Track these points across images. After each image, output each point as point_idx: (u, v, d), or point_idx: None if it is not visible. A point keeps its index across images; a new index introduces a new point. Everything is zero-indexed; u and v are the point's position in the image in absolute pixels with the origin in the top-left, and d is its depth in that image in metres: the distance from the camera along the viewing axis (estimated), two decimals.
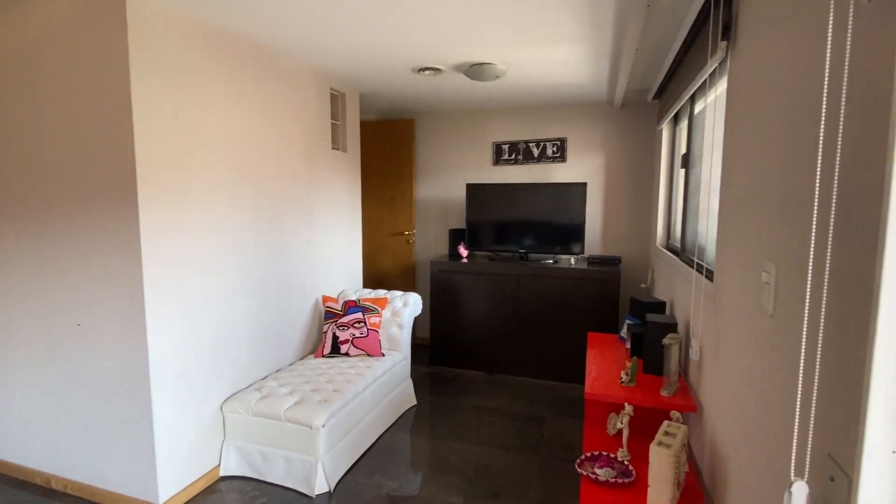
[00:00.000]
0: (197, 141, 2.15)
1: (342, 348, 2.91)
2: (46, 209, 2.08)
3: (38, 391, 2.22)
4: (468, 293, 3.73)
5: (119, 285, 1.98)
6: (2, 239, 2.21)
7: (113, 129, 1.90)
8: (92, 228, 2.00)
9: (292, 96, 2.79)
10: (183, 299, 2.11)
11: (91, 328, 2.06)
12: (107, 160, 1.93)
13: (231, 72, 2.33)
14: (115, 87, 1.87)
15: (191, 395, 2.18)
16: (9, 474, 2.35)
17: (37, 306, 2.17)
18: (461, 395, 3.37)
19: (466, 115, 4.20)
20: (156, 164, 1.96)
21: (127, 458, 2.08)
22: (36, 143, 2.06)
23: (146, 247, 1.93)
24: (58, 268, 2.10)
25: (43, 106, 2.02)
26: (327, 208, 3.20)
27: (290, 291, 2.85)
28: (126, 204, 1.92)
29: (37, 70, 2.01)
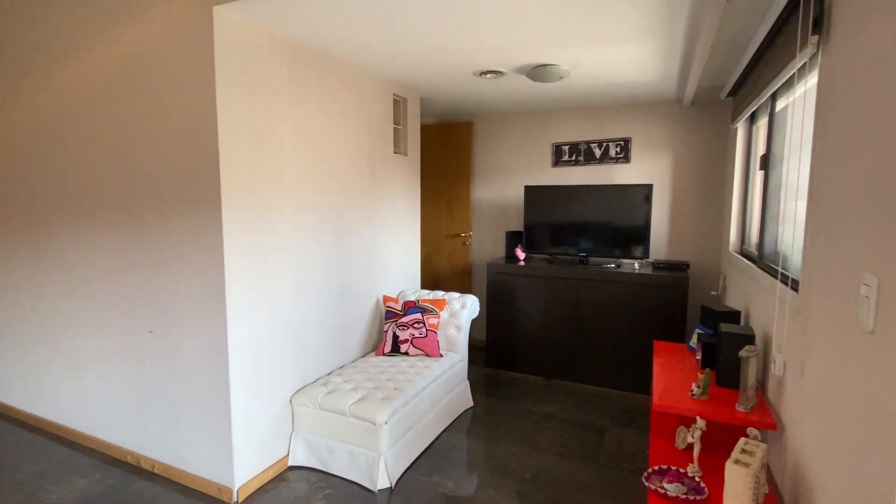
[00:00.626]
0: (270, 147, 2.28)
1: (402, 347, 2.98)
2: (139, 212, 2.28)
3: (132, 379, 2.43)
4: (525, 296, 3.70)
5: (204, 283, 2.14)
6: (98, 238, 2.44)
7: (200, 135, 2.05)
8: (180, 229, 2.17)
9: (357, 102, 2.89)
10: (258, 297, 2.25)
11: (178, 323, 2.24)
12: (194, 164, 2.09)
13: (301, 80, 2.45)
14: (203, 98, 2.02)
15: (263, 387, 2.31)
16: (105, 452, 2.59)
17: (129, 301, 2.38)
18: (518, 399, 3.34)
19: (525, 117, 4.17)
20: (236, 168, 2.10)
21: (207, 444, 2.23)
22: (130, 152, 2.26)
23: (228, 247, 2.07)
24: (149, 265, 2.29)
25: (139, 116, 2.21)
26: (388, 210, 3.29)
27: (352, 291, 2.95)
28: (211, 206, 2.07)
29: (133, 83, 2.21)
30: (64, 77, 2.45)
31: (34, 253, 2.75)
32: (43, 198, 2.66)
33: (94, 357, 2.57)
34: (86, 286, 2.54)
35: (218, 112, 1.99)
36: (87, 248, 2.51)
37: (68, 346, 2.67)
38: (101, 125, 2.35)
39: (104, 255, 2.45)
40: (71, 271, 2.60)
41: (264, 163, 2.24)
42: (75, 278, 2.58)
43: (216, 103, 1.99)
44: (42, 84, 2.54)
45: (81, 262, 2.54)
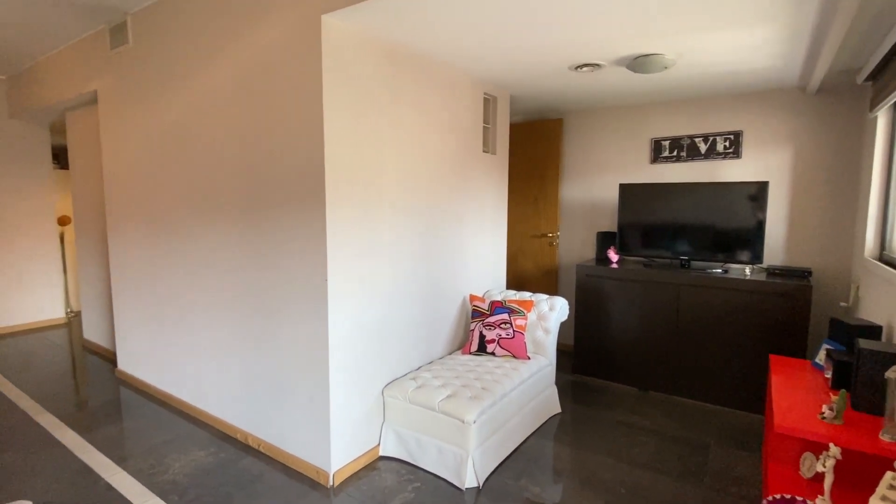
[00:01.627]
0: (370, 147, 2.37)
1: (488, 347, 2.96)
2: (254, 210, 2.47)
3: (244, 363, 2.65)
4: (618, 301, 3.51)
5: (309, 277, 2.27)
6: (218, 234, 2.69)
7: (308, 137, 2.19)
8: (290, 226, 2.33)
9: (449, 102, 2.92)
10: (355, 292, 2.34)
11: (286, 313, 2.40)
12: (303, 165, 2.23)
13: (398, 83, 2.52)
14: (311, 101, 2.14)
15: (359, 377, 2.41)
16: (219, 428, 2.85)
17: (244, 292, 2.59)
18: (609, 408, 3.18)
19: (621, 111, 3.97)
20: (339, 169, 2.20)
21: (308, 427, 2.37)
22: (248, 153, 2.46)
23: (331, 244, 2.18)
24: (261, 260, 2.48)
25: (256, 120, 2.41)
26: (476, 209, 3.28)
27: (441, 288, 2.98)
28: (317, 204, 2.19)
29: (251, 90, 2.40)
30: (196, 87, 2.73)
31: (168, 246, 3.10)
32: (178, 196, 2.98)
33: (212, 341, 2.83)
34: (207, 277, 2.81)
35: (324, 114, 2.10)
36: (208, 243, 2.78)
37: (191, 331, 2.97)
38: (224, 130, 2.58)
39: (222, 249, 2.70)
40: (195, 263, 2.89)
41: (364, 163, 2.33)
42: (198, 269, 2.87)
43: (322, 106, 2.10)
44: (178, 94, 2.85)
45: (204, 256, 2.82)
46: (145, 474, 2.39)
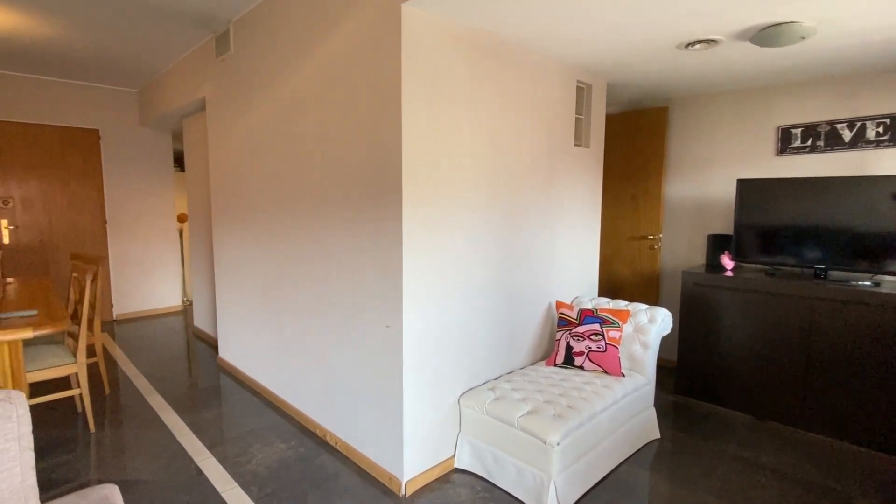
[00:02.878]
0: (448, 143, 2.24)
1: (576, 360, 2.69)
2: (334, 208, 2.46)
3: (324, 361, 2.66)
4: (732, 314, 3.04)
5: (384, 278, 2.20)
6: (301, 233, 2.72)
7: (385, 134, 2.11)
8: (367, 226, 2.27)
9: (537, 93, 2.70)
10: (431, 295, 2.23)
11: (362, 313, 2.35)
12: (380, 163, 2.16)
13: (480, 73, 2.36)
14: (389, 96, 2.06)
15: (433, 384, 2.29)
16: (301, 422, 2.90)
17: (324, 289, 2.59)
18: (718, 438, 2.76)
19: (740, 96, 3.45)
20: (416, 166, 2.10)
21: (382, 432, 2.30)
22: (328, 152, 2.46)
23: (406, 244, 2.09)
24: (340, 259, 2.46)
25: (335, 119, 2.39)
26: (565, 208, 3.02)
27: (523, 293, 2.77)
28: (393, 203, 2.11)
29: (330, 88, 2.39)
30: (284, 88, 2.80)
31: (260, 243, 3.24)
32: (268, 195, 3.10)
33: (296, 336, 2.89)
34: (293, 274, 2.88)
35: (402, 107, 2.01)
36: (293, 240, 2.84)
37: (279, 325, 3.07)
38: (307, 129, 2.61)
39: (304, 246, 2.73)
40: (282, 259, 2.97)
41: (443, 160, 2.21)
42: (286, 266, 2.95)
43: (401, 100, 2.00)
44: (269, 96, 2.95)
45: (290, 252, 2.89)
46: (231, 462, 2.48)
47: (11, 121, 4.61)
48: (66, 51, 3.89)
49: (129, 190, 5.37)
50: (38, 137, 4.77)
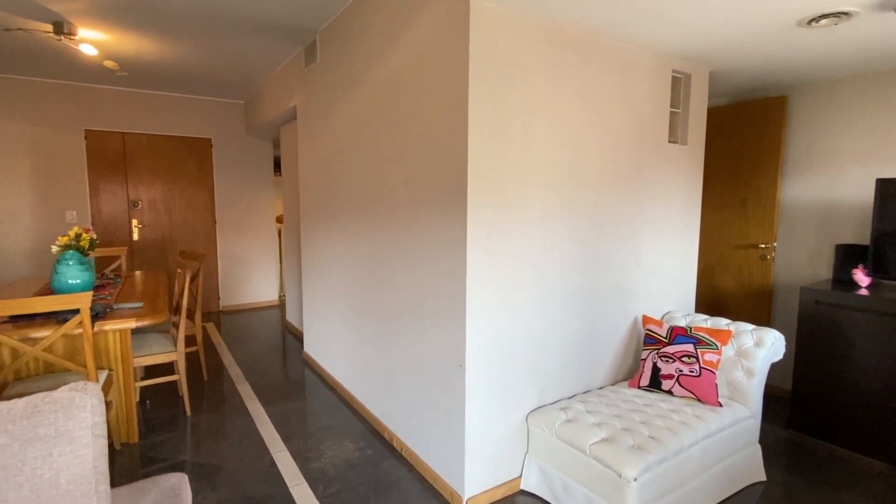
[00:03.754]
0: (519, 142, 2.10)
1: (664, 384, 2.40)
2: (401, 210, 2.43)
3: (390, 363, 2.65)
4: (867, 340, 2.53)
5: (448, 284, 2.12)
6: (376, 235, 2.74)
7: (451, 133, 2.03)
8: (432, 228, 2.21)
9: (624, 85, 2.45)
10: (498, 303, 2.10)
11: (426, 319, 2.30)
12: (445, 163, 2.08)
13: (557, 67, 2.18)
14: (456, 93, 1.97)
15: (499, 398, 2.16)
16: (371, 423, 2.92)
17: (392, 291, 2.58)
18: (843, 488, 2.30)
19: (880, 81, 2.87)
20: (483, 166, 1.99)
21: (444, 443, 2.23)
22: (399, 154, 2.43)
23: (471, 249, 1.99)
24: (406, 261, 2.43)
25: (404, 120, 2.35)
26: (657, 212, 2.72)
27: (604, 305, 2.54)
28: (458, 205, 2.02)
29: (401, 88, 2.36)
30: (358, 96, 2.84)
31: (339, 245, 3.33)
32: (344, 198, 3.18)
33: (369, 337, 2.92)
34: (366, 276, 2.91)
35: (469, 106, 1.91)
36: (366, 243, 2.87)
37: (354, 325, 3.13)
38: (379, 133, 2.61)
39: (375, 249, 2.75)
40: (357, 261, 3.02)
41: (512, 160, 2.08)
42: (360, 267, 3.00)
43: (468, 97, 1.91)
44: (346, 105, 3.02)
45: (363, 255, 2.92)
46: (302, 457, 2.55)
47: (141, 132, 5.26)
48: (184, 69, 4.33)
49: (236, 193, 5.87)
50: (161, 147, 5.40)
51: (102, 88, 5.00)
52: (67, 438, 1.18)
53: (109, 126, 5.09)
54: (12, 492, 1.10)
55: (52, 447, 1.16)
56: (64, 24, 3.18)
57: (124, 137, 5.19)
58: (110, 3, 2.89)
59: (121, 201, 5.24)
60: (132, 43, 3.62)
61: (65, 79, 4.70)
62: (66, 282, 2.76)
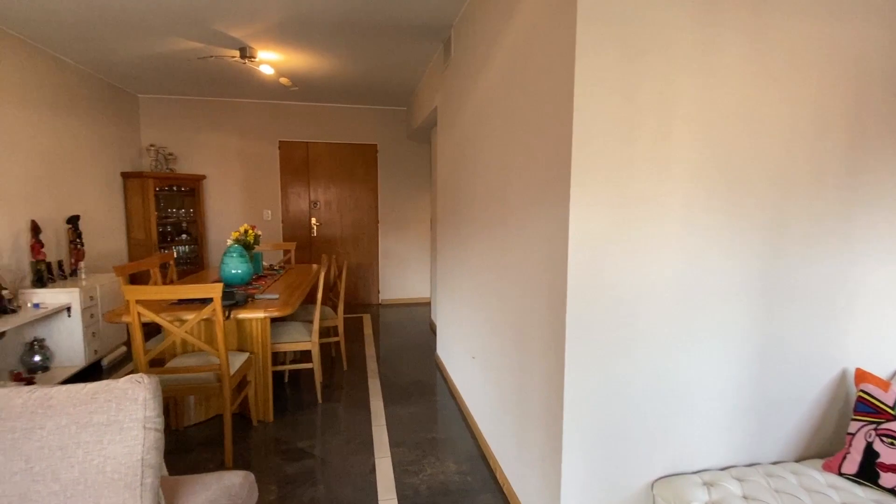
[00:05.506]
0: (651, 126, 1.59)
1: (883, 478, 1.60)
2: (504, 213, 2.12)
3: (504, 385, 2.36)
4: None
5: (545, 300, 1.74)
6: (483, 241, 2.47)
7: (555, 117, 1.65)
8: (529, 234, 1.86)
9: (834, 33, 1.70)
10: (611, 332, 1.64)
11: (526, 339, 1.95)
12: (548, 155, 1.71)
13: (712, 21, 1.60)
14: (560, 70, 1.59)
15: (610, 454, 1.70)
16: (479, 442, 2.67)
17: (499, 306, 2.28)
18: None
19: None
20: (592, 152, 1.56)
21: (540, 491, 1.86)
22: (507, 150, 2.12)
23: (573, 260, 1.58)
24: (507, 271, 2.11)
25: (510, 112, 2.03)
26: (878, 220, 1.85)
27: (790, 348, 1.81)
28: (559, 206, 1.63)
29: (507, 77, 2.04)
30: (477, 89, 2.60)
31: (458, 248, 3.17)
32: (464, 200, 2.99)
33: (480, 350, 2.68)
34: (480, 284, 2.67)
35: (575, 82, 1.51)
36: (480, 249, 2.62)
37: (473, 334, 2.92)
38: (492, 129, 2.34)
39: (487, 258, 2.48)
40: (473, 268, 2.80)
41: (642, 147, 1.59)
42: (475, 274, 2.77)
43: (574, 71, 1.51)
44: (469, 99, 2.82)
45: (478, 261, 2.69)
46: (401, 468, 2.45)
47: (320, 141, 5.94)
48: (348, 81, 4.70)
49: (397, 194, 6.22)
50: (335, 153, 6.02)
51: (291, 104, 5.79)
52: (117, 428, 1.23)
53: (296, 137, 5.87)
54: (65, 471, 1.18)
55: (103, 434, 1.22)
56: (246, 48, 3.69)
57: (308, 146, 5.93)
58: (274, 23, 3.23)
59: (304, 202, 6.01)
60: (300, 60, 4.04)
61: (261, 98, 5.57)
62: (230, 271, 3.18)
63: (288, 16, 3.07)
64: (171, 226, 5.42)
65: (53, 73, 3.86)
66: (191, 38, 3.48)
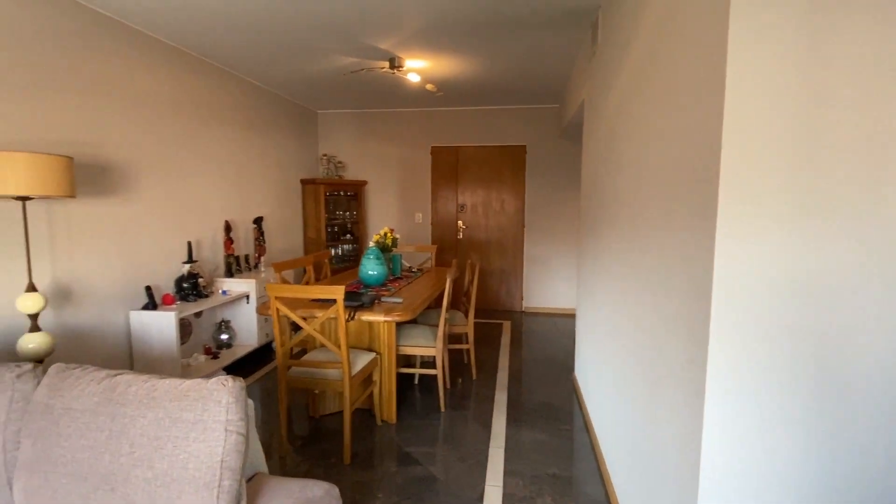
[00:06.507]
0: (847, 112, 1.08)
1: None
2: (637, 221, 1.71)
3: (632, 427, 1.96)
4: None
5: (685, 333, 1.34)
6: (615, 252, 2.06)
7: (699, 106, 1.24)
8: (667, 248, 1.45)
9: None
10: (773, 372, 1.17)
11: (659, 378, 1.55)
12: (689, 156, 1.30)
13: None
14: (711, 43, 1.18)
15: None
16: (606, 489, 2.28)
17: (632, 330, 1.88)
18: None
19: None
20: (755, 144, 1.12)
21: None
22: (644, 147, 1.72)
23: (719, 285, 1.17)
24: (639, 295, 1.70)
25: (649, 102, 1.63)
26: None
27: None
28: (698, 216, 1.23)
29: (648, 67, 1.63)
30: (619, 77, 2.20)
31: (599, 258, 2.77)
32: (603, 204, 2.59)
33: (614, 378, 2.28)
34: (615, 301, 2.28)
35: (728, 60, 1.10)
36: (614, 262, 2.22)
37: (607, 356, 2.53)
38: (630, 118, 1.93)
39: (621, 273, 2.08)
40: (611, 280, 2.40)
41: (835, 138, 1.09)
42: (608, 290, 2.37)
43: (726, 44, 1.10)
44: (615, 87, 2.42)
45: (616, 274, 2.29)
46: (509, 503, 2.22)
47: (468, 145, 5.96)
48: (494, 82, 4.59)
49: (545, 197, 5.91)
50: (482, 156, 5.97)
51: (442, 110, 5.93)
52: (202, 427, 1.28)
53: (447, 142, 5.99)
54: (157, 461, 1.27)
55: (189, 432, 1.28)
56: (395, 58, 3.84)
57: (457, 150, 6.01)
58: (416, 29, 3.27)
59: (451, 205, 6.11)
60: (444, 65, 4.05)
61: (416, 107, 5.81)
62: (366, 272, 3.32)
63: (428, 20, 3.07)
64: (337, 226, 6.02)
65: (246, 96, 4.57)
66: (348, 53, 3.74)
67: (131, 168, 3.20)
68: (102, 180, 2.98)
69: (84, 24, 2.81)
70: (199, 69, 3.86)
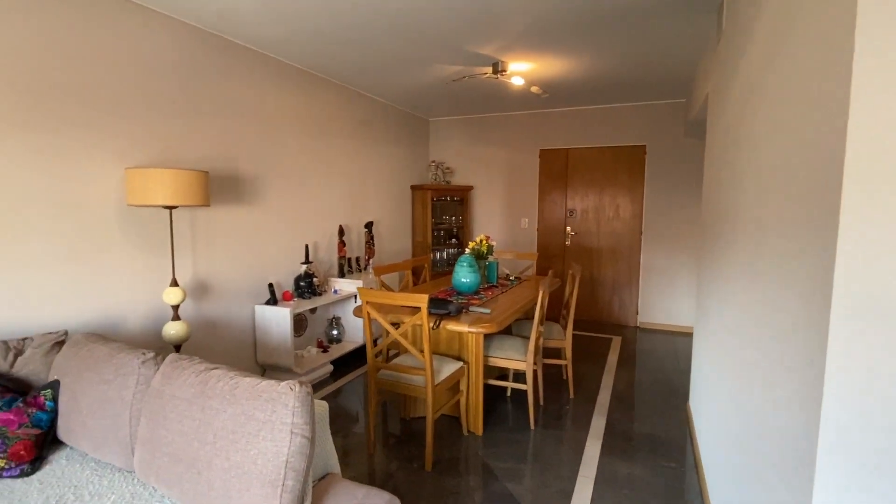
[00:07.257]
0: None
1: None
2: (756, 227, 1.43)
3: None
4: None
5: (792, 348, 1.08)
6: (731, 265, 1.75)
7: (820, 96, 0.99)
8: (777, 255, 1.19)
9: None
10: None
11: (761, 389, 1.28)
12: (806, 155, 1.05)
13: None
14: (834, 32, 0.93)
15: None
16: (708, 496, 1.97)
17: (742, 328, 1.58)
18: None
19: None
20: (883, 157, 0.86)
21: None
22: (759, 144, 1.43)
23: (840, 302, 0.92)
24: (750, 312, 1.42)
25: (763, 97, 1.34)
26: None
27: None
28: (818, 229, 0.98)
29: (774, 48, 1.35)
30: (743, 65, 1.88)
31: (719, 271, 2.41)
32: (724, 207, 2.24)
33: (726, 414, 1.96)
34: (729, 320, 1.95)
35: (853, 66, 0.86)
36: (735, 281, 1.90)
37: (720, 382, 2.19)
38: (751, 112, 1.63)
39: (733, 290, 1.77)
40: (726, 298, 2.07)
41: None
42: (725, 309, 2.04)
43: (854, 24, 0.86)
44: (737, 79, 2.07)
45: (729, 294, 1.97)
46: None
47: (580, 147, 5.65)
48: (607, 77, 4.28)
49: (666, 201, 5.37)
50: (596, 158, 5.62)
51: (551, 111, 5.71)
52: (270, 428, 1.37)
53: (556, 144, 5.76)
54: (233, 454, 1.38)
55: (260, 430, 1.38)
56: (498, 63, 3.79)
57: (567, 153, 5.75)
58: (519, 32, 3.18)
59: (560, 210, 5.86)
60: (549, 66, 3.89)
61: (523, 109, 5.67)
62: (459, 280, 3.32)
63: (531, 22, 2.97)
64: (443, 230, 6.15)
65: (362, 109, 4.88)
66: (453, 62, 3.79)
67: (259, 178, 3.60)
68: (235, 190, 3.40)
69: (221, 53, 3.24)
70: (319, 86, 4.22)
